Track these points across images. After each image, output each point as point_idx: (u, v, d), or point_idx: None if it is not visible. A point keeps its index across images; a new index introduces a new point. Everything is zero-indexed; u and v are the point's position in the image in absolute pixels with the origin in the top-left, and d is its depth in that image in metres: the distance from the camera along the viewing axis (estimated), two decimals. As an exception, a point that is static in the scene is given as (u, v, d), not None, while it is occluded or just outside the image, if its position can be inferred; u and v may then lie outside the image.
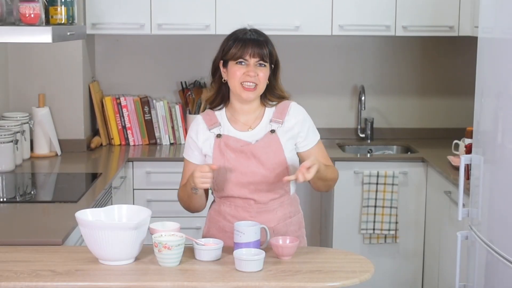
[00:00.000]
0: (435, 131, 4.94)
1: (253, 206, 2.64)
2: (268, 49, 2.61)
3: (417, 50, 4.90)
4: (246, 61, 2.59)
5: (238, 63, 2.60)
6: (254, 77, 2.58)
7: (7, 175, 3.73)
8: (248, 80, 2.58)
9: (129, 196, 4.23)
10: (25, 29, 2.86)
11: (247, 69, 2.58)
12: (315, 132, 2.73)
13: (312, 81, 4.87)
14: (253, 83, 2.59)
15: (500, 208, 2.78)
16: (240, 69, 2.59)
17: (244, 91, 2.59)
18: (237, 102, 2.67)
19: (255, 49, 2.58)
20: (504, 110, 2.75)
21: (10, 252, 2.47)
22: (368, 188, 4.26)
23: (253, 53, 2.58)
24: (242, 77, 2.58)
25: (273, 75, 2.67)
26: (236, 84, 2.60)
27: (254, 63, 2.59)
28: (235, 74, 2.59)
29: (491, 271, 2.87)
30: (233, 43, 2.61)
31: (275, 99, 2.70)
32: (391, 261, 4.35)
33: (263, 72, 2.60)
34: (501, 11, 2.80)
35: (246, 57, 2.58)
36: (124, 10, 4.38)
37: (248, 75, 2.58)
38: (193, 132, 2.70)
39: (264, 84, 2.62)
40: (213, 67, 2.70)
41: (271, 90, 2.69)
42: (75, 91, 4.37)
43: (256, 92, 2.61)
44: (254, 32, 2.65)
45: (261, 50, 2.59)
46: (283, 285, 2.23)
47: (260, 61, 2.59)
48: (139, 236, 2.36)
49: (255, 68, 2.59)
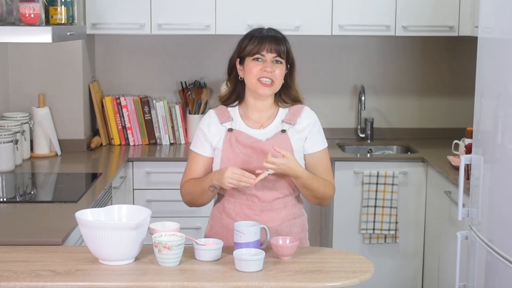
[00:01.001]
0: (435, 131, 4.94)
1: (257, 204, 2.64)
2: (286, 46, 2.64)
3: (417, 50, 4.90)
4: (263, 56, 2.61)
5: (254, 59, 2.62)
6: (270, 72, 2.60)
7: (7, 175, 3.73)
8: (265, 75, 2.60)
9: (129, 196, 4.23)
10: (25, 29, 2.86)
11: (263, 65, 2.61)
12: (323, 139, 2.73)
13: (312, 81, 4.87)
14: (269, 79, 2.61)
15: (500, 208, 2.78)
16: (256, 66, 2.61)
17: (261, 86, 2.61)
18: (252, 99, 2.68)
19: (272, 45, 2.61)
20: (504, 110, 2.75)
21: (10, 252, 2.47)
22: (368, 188, 4.26)
23: (270, 49, 2.61)
24: (259, 73, 2.61)
25: (290, 75, 2.69)
26: (253, 80, 2.62)
27: (271, 59, 2.61)
28: (251, 71, 2.62)
29: (491, 271, 2.87)
30: (249, 41, 2.64)
31: (289, 101, 2.72)
32: (391, 261, 4.35)
33: (280, 69, 2.62)
34: (501, 11, 2.80)
35: (263, 52, 2.61)
36: (124, 10, 4.38)
37: (264, 70, 2.60)
38: (204, 124, 2.71)
39: (280, 82, 2.64)
40: (229, 65, 2.72)
41: (286, 90, 2.71)
42: (75, 91, 4.37)
43: (272, 88, 2.63)
44: (271, 30, 2.69)
45: (278, 46, 2.62)
46: (283, 285, 2.23)
47: (277, 57, 2.61)
48: (139, 236, 2.36)
49: (271, 64, 2.61)
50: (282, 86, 2.68)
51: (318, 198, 2.69)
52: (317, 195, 2.67)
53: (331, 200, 2.76)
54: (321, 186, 2.65)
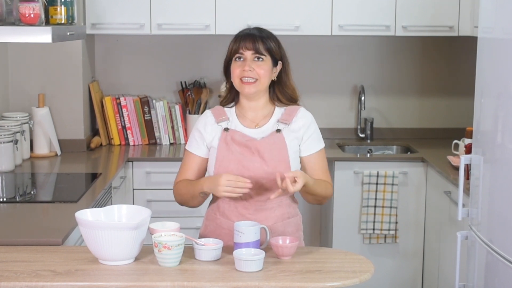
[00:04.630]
0: (435, 131, 4.94)
1: (251, 203, 2.64)
2: (265, 44, 2.63)
3: (417, 50, 4.90)
4: (242, 55, 2.62)
5: (236, 59, 2.63)
6: (250, 71, 2.60)
7: (7, 175, 3.73)
8: (245, 75, 2.61)
9: (129, 196, 4.23)
10: (25, 29, 2.86)
11: (243, 64, 2.61)
12: (319, 140, 2.72)
13: (312, 81, 4.87)
14: (251, 78, 2.61)
15: (500, 208, 2.78)
16: (238, 66, 2.62)
17: (243, 86, 2.62)
18: (244, 99, 2.69)
19: (248, 43, 2.61)
20: (504, 110, 2.75)
21: (10, 252, 2.47)
22: (368, 188, 4.26)
23: (245, 46, 2.61)
24: (240, 73, 2.61)
25: (284, 72, 2.69)
26: (236, 80, 2.63)
27: (251, 58, 2.61)
28: (234, 71, 2.63)
29: (491, 271, 2.87)
30: (234, 41, 2.66)
31: (285, 99, 2.71)
32: (391, 261, 4.35)
33: (261, 67, 2.62)
34: (501, 11, 2.80)
35: (241, 50, 2.61)
36: (124, 10, 4.38)
37: (243, 70, 2.60)
38: (201, 124, 2.72)
39: (265, 79, 2.63)
40: (224, 67, 2.72)
41: (281, 88, 2.71)
42: (75, 91, 4.36)
43: (257, 86, 2.62)
44: (255, 29, 2.69)
45: (255, 43, 2.61)
46: (283, 285, 2.23)
47: (255, 54, 2.61)
48: (139, 236, 2.36)
49: (251, 62, 2.61)
50: (276, 84, 2.68)
51: (319, 201, 2.71)
52: (318, 198, 2.69)
53: (328, 200, 2.77)
54: (323, 190, 2.66)
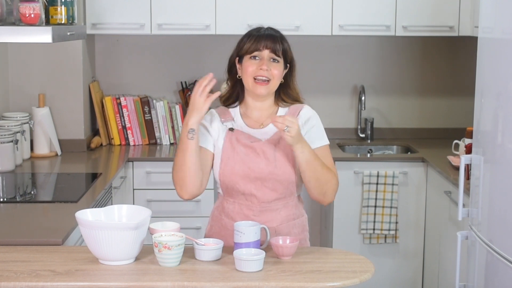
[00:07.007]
0: (435, 131, 4.94)
1: (256, 204, 2.63)
2: (282, 45, 2.63)
3: (417, 50, 4.90)
4: (259, 53, 2.61)
5: (251, 57, 2.61)
6: (266, 71, 2.59)
7: (7, 175, 3.73)
8: (261, 74, 2.59)
9: (129, 196, 4.23)
10: (25, 29, 2.86)
11: (260, 63, 2.60)
12: (322, 136, 2.69)
13: (312, 81, 4.87)
14: (265, 78, 2.60)
15: (500, 208, 2.78)
16: (253, 64, 2.60)
17: (256, 86, 2.60)
18: (251, 99, 2.68)
19: (268, 42, 2.61)
20: (504, 110, 2.75)
21: (10, 252, 2.47)
22: (368, 188, 4.26)
23: (265, 46, 2.60)
24: (255, 71, 2.60)
25: (289, 75, 2.69)
26: (249, 79, 2.61)
27: (268, 57, 2.61)
28: (247, 69, 2.61)
29: (491, 271, 2.87)
30: (247, 39, 2.64)
31: (289, 101, 2.71)
32: (391, 261, 4.35)
33: (276, 68, 2.61)
34: (501, 11, 2.80)
35: (260, 49, 2.60)
36: (124, 10, 4.38)
37: (260, 68, 2.59)
38: (206, 120, 2.69)
39: (277, 81, 2.63)
40: (229, 64, 2.71)
41: (286, 90, 2.70)
42: (75, 91, 4.37)
43: (269, 87, 2.62)
44: (269, 29, 2.69)
45: (274, 44, 2.61)
46: (283, 285, 2.23)
47: (273, 54, 2.61)
48: (139, 236, 2.36)
49: (268, 62, 2.60)
50: (282, 86, 2.68)
51: (321, 186, 2.59)
52: (320, 178, 2.57)
53: (333, 195, 2.68)
54: (324, 168, 2.57)
